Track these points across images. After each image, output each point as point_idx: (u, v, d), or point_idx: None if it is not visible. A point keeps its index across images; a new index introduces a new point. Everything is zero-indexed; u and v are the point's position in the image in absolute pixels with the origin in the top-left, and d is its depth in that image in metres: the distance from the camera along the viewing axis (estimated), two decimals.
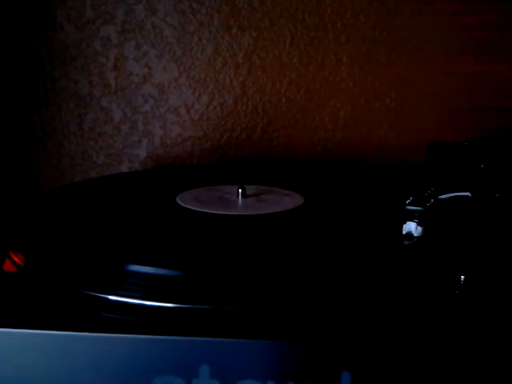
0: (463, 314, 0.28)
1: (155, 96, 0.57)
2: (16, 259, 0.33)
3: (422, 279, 0.30)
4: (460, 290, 0.29)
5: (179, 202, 0.40)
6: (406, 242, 0.33)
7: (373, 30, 0.55)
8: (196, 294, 0.28)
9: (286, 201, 0.41)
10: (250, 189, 0.43)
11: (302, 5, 0.55)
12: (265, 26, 0.55)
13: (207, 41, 0.56)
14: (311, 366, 0.26)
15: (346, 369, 0.26)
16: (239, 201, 0.41)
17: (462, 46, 0.54)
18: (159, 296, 0.28)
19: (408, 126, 0.56)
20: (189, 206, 0.39)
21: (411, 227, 0.33)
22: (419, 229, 0.33)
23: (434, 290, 0.30)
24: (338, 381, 0.26)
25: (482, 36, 0.54)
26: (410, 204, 0.34)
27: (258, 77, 0.56)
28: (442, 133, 0.55)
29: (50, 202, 0.42)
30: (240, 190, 0.41)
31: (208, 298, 0.28)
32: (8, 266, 0.33)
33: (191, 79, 0.56)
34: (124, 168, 0.58)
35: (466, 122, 0.55)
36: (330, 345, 0.26)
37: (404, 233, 0.33)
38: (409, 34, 0.55)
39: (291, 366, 0.26)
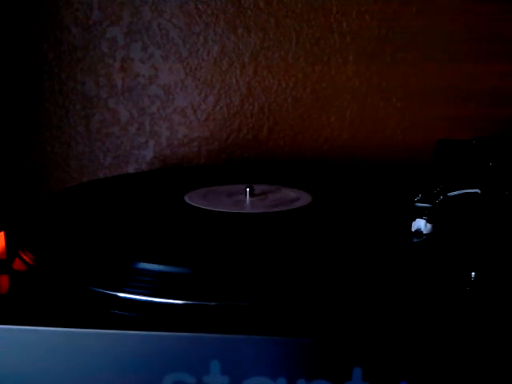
0: (474, 310, 0.28)
1: (162, 97, 0.57)
2: (25, 258, 0.33)
3: (431, 276, 0.30)
4: (470, 287, 0.29)
5: (188, 201, 0.40)
6: (415, 240, 0.33)
7: (378, 29, 0.55)
8: (204, 290, 0.28)
9: (294, 199, 0.41)
10: (258, 188, 0.43)
11: (307, 5, 0.55)
12: (270, 26, 0.56)
13: (213, 42, 0.56)
14: (322, 362, 0.26)
15: (357, 365, 0.26)
16: (247, 200, 0.41)
17: (468, 44, 0.54)
18: (168, 293, 0.28)
19: (414, 125, 0.56)
20: (197, 205, 0.39)
21: (420, 224, 0.33)
22: (428, 226, 0.33)
23: (444, 287, 0.29)
24: (350, 377, 0.26)
25: (490, 34, 0.54)
26: (418, 201, 0.34)
27: (264, 77, 0.56)
28: (448, 131, 0.55)
29: (58, 201, 0.42)
30: (248, 189, 0.41)
31: (216, 294, 0.28)
32: (18, 265, 0.33)
33: (197, 80, 0.57)
34: (131, 169, 0.58)
35: (473, 120, 0.55)
36: (341, 341, 0.26)
37: (413, 230, 0.33)
38: (414, 32, 0.54)
39: (302, 362, 0.26)
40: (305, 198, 0.41)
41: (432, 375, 0.26)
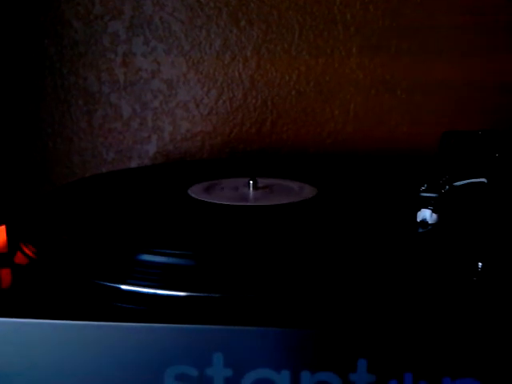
0: (480, 301, 0.27)
1: (164, 91, 0.57)
2: (27, 251, 0.33)
3: (437, 267, 0.30)
4: (477, 278, 0.29)
5: (191, 194, 0.40)
6: (420, 230, 0.32)
7: (382, 20, 0.54)
8: (208, 283, 0.28)
9: (299, 192, 0.41)
10: (261, 181, 0.42)
11: None
12: (273, 18, 0.55)
13: (215, 35, 0.56)
14: (327, 354, 0.25)
15: (362, 356, 0.25)
16: (251, 193, 0.41)
17: (474, 34, 0.54)
18: (171, 285, 0.28)
19: (419, 117, 0.55)
20: (201, 198, 0.39)
21: (426, 214, 0.33)
22: (434, 216, 0.33)
23: (451, 278, 0.29)
24: (355, 368, 0.25)
25: (496, 24, 0.53)
26: (424, 191, 0.33)
27: (267, 70, 0.56)
28: (453, 123, 0.54)
29: (60, 195, 0.42)
30: (251, 182, 0.41)
31: (220, 286, 0.28)
32: (19, 258, 0.33)
33: (200, 74, 0.56)
34: (134, 164, 0.58)
35: (478, 111, 0.55)
36: (346, 332, 0.25)
37: (418, 220, 0.33)
38: (419, 23, 0.54)
39: (306, 354, 0.25)
40: (309, 191, 0.41)
41: (437, 367, 0.25)
